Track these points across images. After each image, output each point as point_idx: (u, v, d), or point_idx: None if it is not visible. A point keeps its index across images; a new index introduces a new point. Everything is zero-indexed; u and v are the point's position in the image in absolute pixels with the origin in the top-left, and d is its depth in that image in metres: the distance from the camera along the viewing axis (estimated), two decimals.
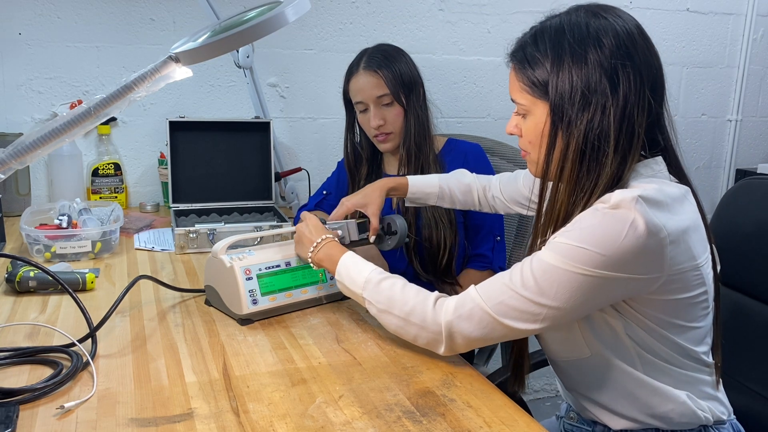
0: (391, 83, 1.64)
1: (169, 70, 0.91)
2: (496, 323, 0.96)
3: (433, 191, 1.46)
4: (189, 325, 1.19)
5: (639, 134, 0.95)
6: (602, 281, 0.90)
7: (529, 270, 0.94)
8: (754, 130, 2.89)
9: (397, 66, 1.66)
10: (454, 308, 0.99)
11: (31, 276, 1.29)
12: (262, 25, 0.89)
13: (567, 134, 0.96)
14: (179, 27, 2.09)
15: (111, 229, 1.58)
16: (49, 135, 0.86)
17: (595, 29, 0.95)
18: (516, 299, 0.94)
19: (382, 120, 1.66)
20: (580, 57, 0.94)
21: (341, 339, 1.15)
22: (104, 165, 2.04)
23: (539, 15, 1.06)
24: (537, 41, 0.99)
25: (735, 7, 2.69)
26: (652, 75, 0.96)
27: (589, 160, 0.95)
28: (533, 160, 1.04)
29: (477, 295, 0.98)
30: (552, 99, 0.96)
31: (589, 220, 0.91)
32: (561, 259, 0.91)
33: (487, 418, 0.90)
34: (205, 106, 2.17)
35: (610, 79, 0.93)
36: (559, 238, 0.93)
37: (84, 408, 0.89)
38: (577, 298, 0.91)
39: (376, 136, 1.69)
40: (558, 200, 0.99)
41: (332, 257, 1.16)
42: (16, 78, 1.98)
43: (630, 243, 0.88)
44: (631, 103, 0.94)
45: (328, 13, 2.24)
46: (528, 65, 0.99)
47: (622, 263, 0.89)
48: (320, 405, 0.92)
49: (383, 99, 1.65)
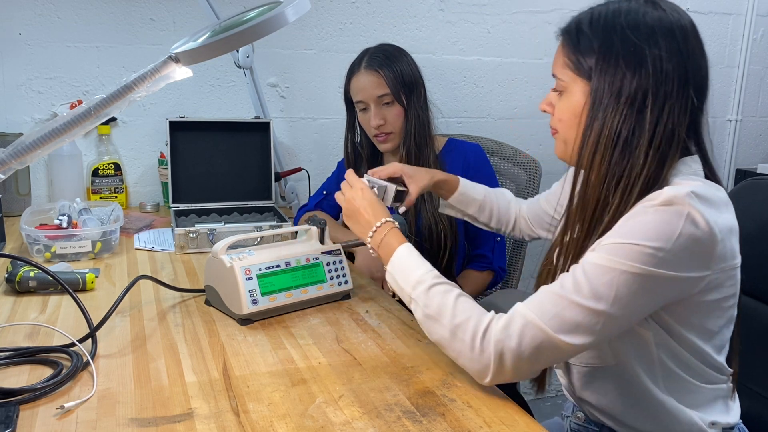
0: (391, 83, 1.64)
1: (169, 70, 0.91)
2: (549, 340, 0.90)
3: (477, 198, 1.41)
4: (189, 325, 1.19)
5: (679, 134, 0.93)
6: (659, 280, 0.87)
7: (582, 275, 0.90)
8: (754, 130, 2.89)
9: (399, 66, 1.66)
10: (502, 326, 0.92)
11: (31, 276, 1.29)
12: (262, 25, 0.89)
13: (602, 119, 0.94)
14: (179, 27, 2.09)
15: (111, 229, 1.58)
16: (49, 135, 0.86)
17: (651, 20, 0.93)
18: (571, 309, 0.89)
19: (382, 120, 1.66)
20: (630, 46, 0.92)
21: (341, 339, 1.15)
22: (104, 165, 2.04)
23: (539, 15, 1.06)
24: (591, 21, 0.97)
25: (735, 7, 2.69)
26: (699, 76, 0.94)
27: (623, 147, 0.93)
28: (562, 138, 1.03)
29: (527, 310, 0.92)
30: (594, 82, 0.95)
31: (641, 217, 0.88)
32: (615, 259, 0.88)
33: (487, 418, 0.90)
34: (205, 106, 2.17)
35: (655, 74, 0.91)
36: (609, 239, 0.90)
37: (84, 408, 0.89)
38: (634, 301, 0.88)
39: (376, 136, 1.69)
40: (590, 185, 0.96)
41: (390, 246, 1.10)
42: (16, 78, 1.98)
43: (686, 238, 0.86)
44: (672, 101, 0.92)
45: (328, 13, 2.24)
46: (578, 43, 0.98)
47: (678, 260, 0.87)
48: (320, 405, 0.92)
49: (384, 98, 1.65)
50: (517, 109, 2.51)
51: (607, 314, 0.88)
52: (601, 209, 0.95)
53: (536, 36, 2.47)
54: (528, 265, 1.94)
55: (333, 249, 1.32)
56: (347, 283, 1.32)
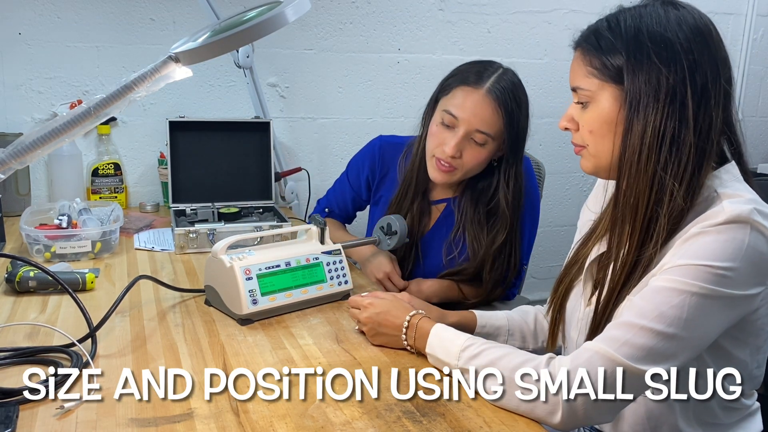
0: (506, 128, 1.41)
1: (169, 70, 0.91)
2: (622, 368, 0.84)
3: (502, 324, 1.23)
4: (189, 325, 1.19)
5: (716, 126, 0.92)
6: (728, 300, 0.86)
7: (647, 301, 0.87)
8: (754, 130, 2.89)
9: (521, 116, 1.44)
10: (570, 359, 0.89)
11: (31, 276, 1.29)
12: (262, 25, 0.89)
13: (644, 118, 0.91)
14: (179, 27, 2.09)
15: (111, 229, 1.58)
16: (49, 135, 0.86)
17: (675, 17, 0.93)
18: (641, 336, 0.85)
19: (458, 152, 1.42)
20: (660, 40, 0.91)
21: (341, 339, 1.15)
22: (104, 165, 2.04)
23: (539, 15, 1.06)
24: (611, 27, 0.96)
25: (735, 7, 2.69)
26: (726, 68, 0.94)
27: (669, 144, 0.91)
28: (593, 153, 0.99)
29: (593, 344, 0.88)
30: (628, 83, 0.93)
31: (706, 237, 0.87)
32: (684, 280, 0.86)
33: (487, 418, 0.90)
34: (205, 106, 2.16)
35: (689, 65, 0.90)
36: (674, 261, 0.88)
37: (84, 408, 0.89)
38: (706, 323, 0.86)
39: (437, 159, 1.45)
40: (635, 190, 0.93)
41: (423, 330, 1.05)
42: (16, 78, 1.98)
43: (751, 255, 0.85)
44: (708, 91, 0.91)
45: (328, 13, 2.24)
46: (601, 50, 0.96)
47: (744, 278, 0.86)
48: (320, 405, 0.92)
49: (481, 136, 1.41)
50: None
51: (680, 338, 0.86)
52: (653, 207, 0.92)
53: (536, 36, 2.46)
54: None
55: (333, 249, 1.32)
56: (347, 283, 1.32)
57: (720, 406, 0.99)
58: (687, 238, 0.88)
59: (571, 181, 2.68)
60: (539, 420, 0.89)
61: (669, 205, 0.91)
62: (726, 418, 1.01)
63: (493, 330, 1.22)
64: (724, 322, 0.89)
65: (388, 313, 1.10)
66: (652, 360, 0.85)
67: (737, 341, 0.94)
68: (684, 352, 0.87)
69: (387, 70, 2.35)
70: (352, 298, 1.19)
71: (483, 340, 0.99)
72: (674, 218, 0.91)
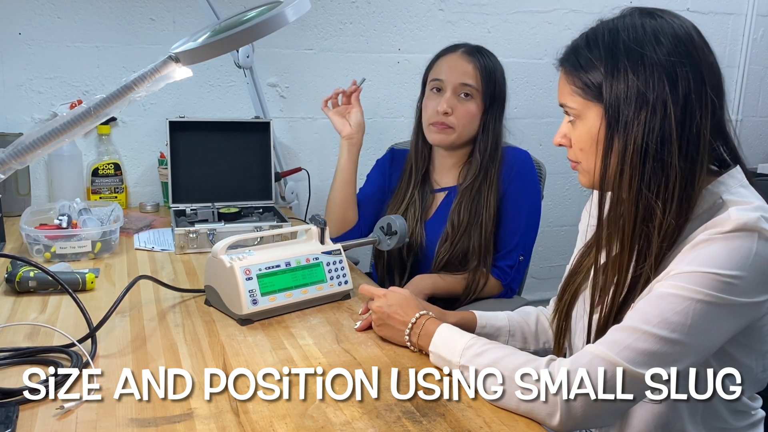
0: (482, 79, 1.56)
1: (169, 70, 0.91)
2: (622, 371, 0.85)
3: (503, 324, 1.23)
4: (189, 325, 1.19)
5: (704, 137, 0.90)
6: (734, 308, 0.86)
7: (651, 305, 0.87)
8: (754, 130, 2.89)
9: (495, 70, 1.59)
10: (571, 360, 0.89)
11: (31, 276, 1.29)
12: (262, 25, 0.89)
13: (624, 136, 0.90)
14: (179, 27, 2.09)
15: (111, 229, 1.58)
16: (49, 135, 0.86)
17: (652, 28, 0.91)
18: (644, 340, 0.85)
19: (450, 108, 1.55)
20: (636, 55, 0.90)
21: (341, 339, 1.15)
22: (104, 165, 2.04)
23: (539, 15, 1.06)
24: (590, 44, 0.95)
25: (735, 7, 2.69)
26: (712, 74, 0.91)
27: (653, 161, 0.89)
28: (586, 169, 0.99)
29: (595, 346, 0.88)
30: (607, 99, 0.92)
31: (713, 245, 0.86)
32: (690, 287, 0.85)
33: (487, 418, 0.90)
34: (205, 106, 2.17)
35: (669, 78, 0.88)
36: (679, 268, 0.87)
37: (84, 408, 0.89)
38: (710, 330, 0.86)
39: (433, 124, 1.58)
40: (621, 207, 0.93)
41: (428, 330, 1.06)
42: (16, 78, 1.98)
43: (759, 263, 0.85)
44: (692, 103, 0.89)
45: (328, 13, 2.24)
46: (581, 68, 0.95)
47: (751, 286, 0.85)
48: (320, 405, 0.92)
49: (466, 89, 1.56)
50: (517, 109, 2.51)
51: (683, 344, 0.85)
52: (641, 224, 0.92)
53: (536, 36, 2.46)
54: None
55: (333, 249, 1.32)
56: (347, 283, 1.32)
57: (728, 410, 0.99)
58: (694, 245, 0.88)
59: (571, 181, 2.68)
60: (539, 421, 0.89)
61: (661, 224, 0.90)
62: (735, 422, 1.00)
63: (494, 330, 1.22)
64: (729, 329, 0.88)
65: (399, 307, 1.12)
66: (653, 365, 0.85)
67: (743, 347, 0.94)
68: (686, 358, 0.86)
69: (387, 70, 2.35)
70: (364, 285, 1.22)
71: (486, 340, 0.99)
72: (668, 236, 0.90)
